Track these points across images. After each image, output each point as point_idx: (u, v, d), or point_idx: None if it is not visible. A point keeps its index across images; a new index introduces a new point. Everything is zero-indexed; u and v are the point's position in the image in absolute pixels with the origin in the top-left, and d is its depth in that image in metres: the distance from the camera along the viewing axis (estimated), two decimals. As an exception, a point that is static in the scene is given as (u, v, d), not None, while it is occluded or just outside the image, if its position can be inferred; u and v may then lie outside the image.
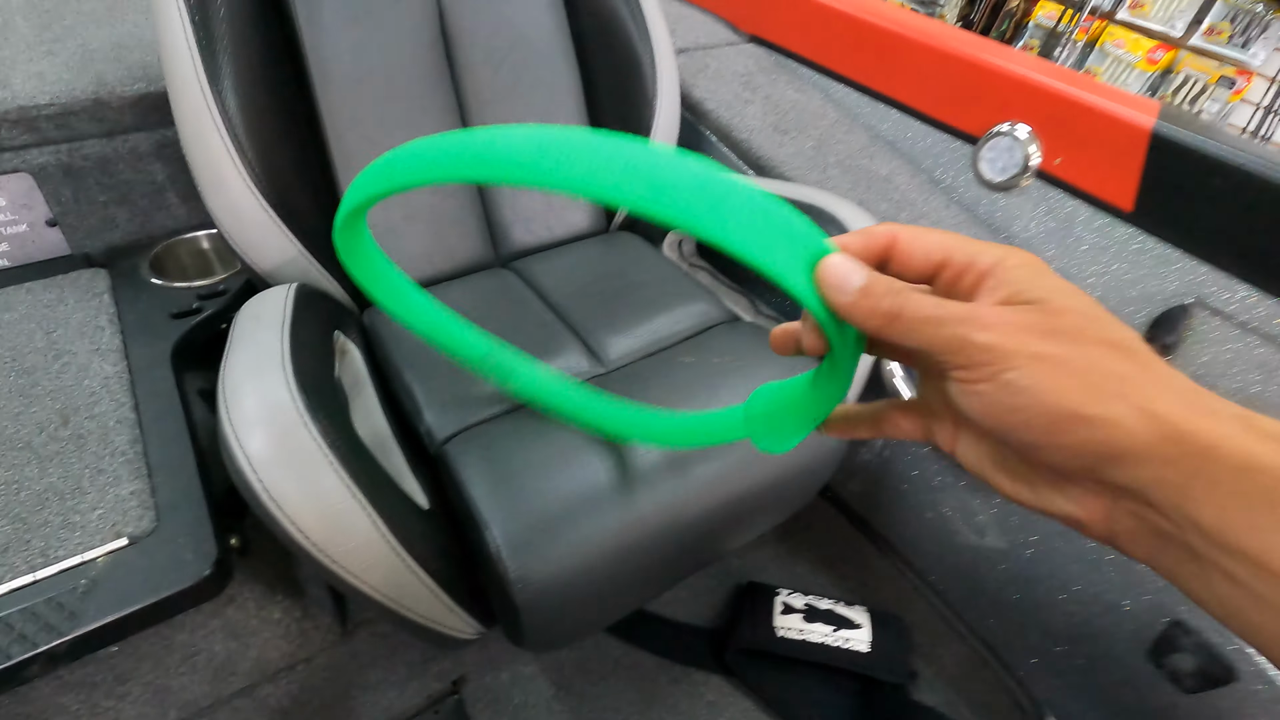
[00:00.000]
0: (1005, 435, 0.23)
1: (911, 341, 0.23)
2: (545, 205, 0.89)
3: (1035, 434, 0.22)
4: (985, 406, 0.22)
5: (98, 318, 0.68)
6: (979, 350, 0.22)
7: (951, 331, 0.22)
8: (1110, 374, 0.21)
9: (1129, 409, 0.20)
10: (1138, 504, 0.22)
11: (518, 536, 0.54)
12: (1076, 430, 0.21)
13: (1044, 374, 0.21)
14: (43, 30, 0.85)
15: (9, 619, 0.44)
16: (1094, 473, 0.22)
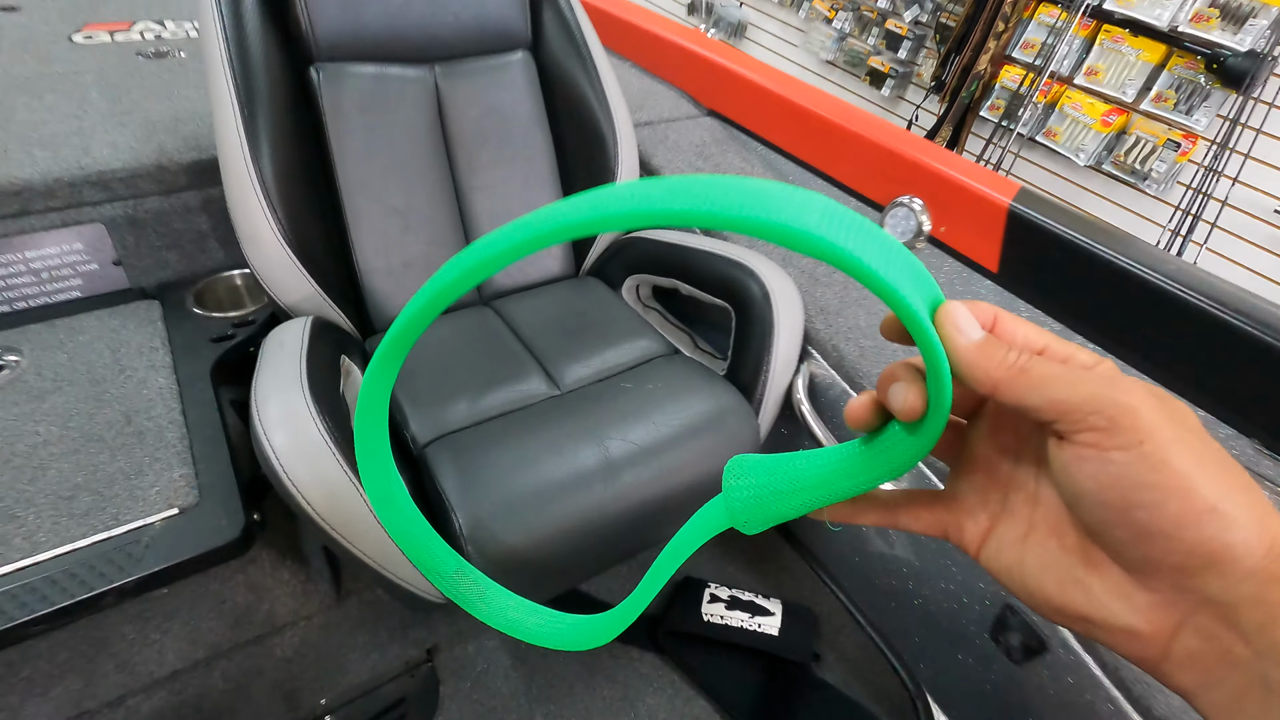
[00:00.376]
0: (1117, 517, 0.21)
1: (1035, 399, 0.22)
2: (523, 254, 1.05)
3: (1160, 521, 0.20)
4: (1111, 479, 0.20)
5: (152, 340, 0.85)
6: (1123, 412, 0.20)
7: (1092, 390, 0.21)
8: (1239, 477, 0.20)
9: (1252, 516, 0.20)
10: (1217, 623, 0.20)
11: (478, 519, 0.70)
12: (1205, 525, 0.20)
13: (1188, 455, 0.20)
14: (114, 103, 1.03)
15: (92, 561, 0.60)
16: (1191, 578, 0.20)
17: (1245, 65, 2.01)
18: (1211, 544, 0.20)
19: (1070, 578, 0.23)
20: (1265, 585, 0.19)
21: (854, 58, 3.03)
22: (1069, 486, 0.22)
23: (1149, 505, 0.20)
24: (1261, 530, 0.19)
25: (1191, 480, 0.20)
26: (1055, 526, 0.24)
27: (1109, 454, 0.20)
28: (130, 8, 1.38)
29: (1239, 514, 0.19)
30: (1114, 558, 0.22)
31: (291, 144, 0.84)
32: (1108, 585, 0.22)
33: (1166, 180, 2.31)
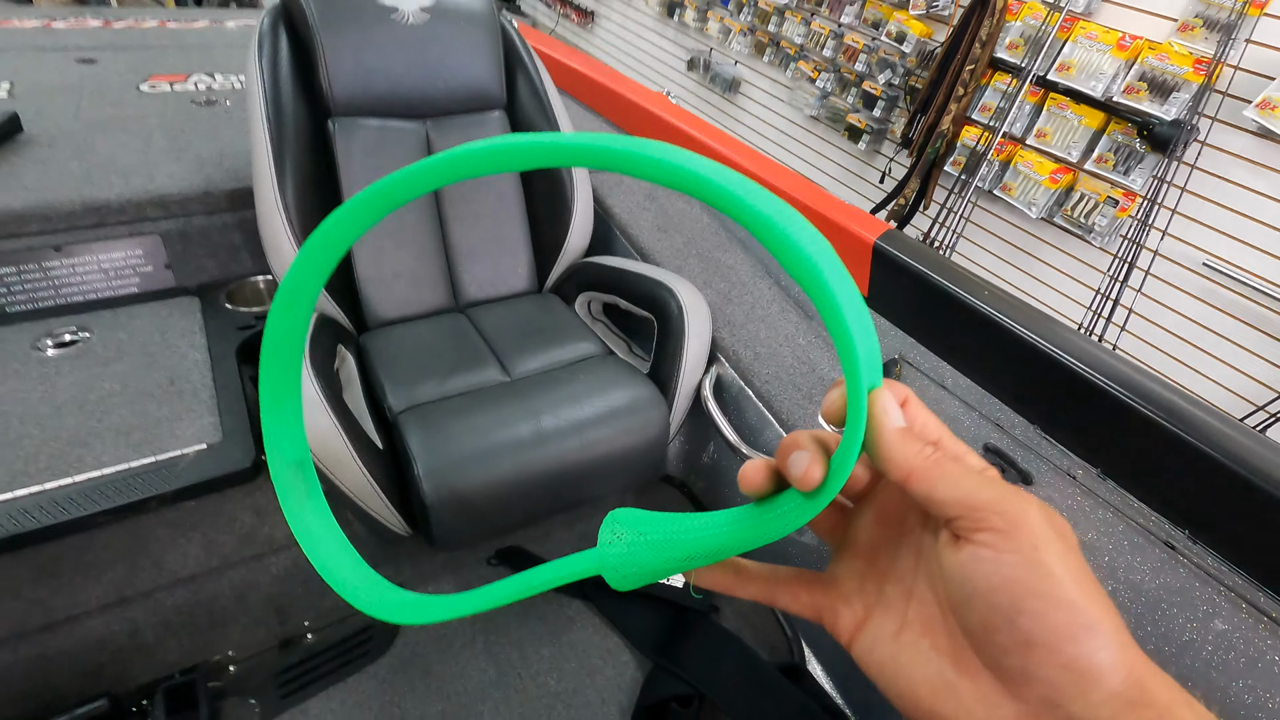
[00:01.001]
0: (1003, 622, 0.21)
1: (944, 493, 0.23)
2: (494, 272, 1.28)
3: (1044, 630, 0.21)
4: (1004, 582, 0.21)
5: (192, 326, 1.07)
6: (1023, 518, 0.21)
7: (997, 493, 0.22)
8: (1106, 599, 0.21)
9: (1117, 640, 0.21)
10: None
11: (432, 468, 0.91)
12: (1083, 641, 0.20)
13: (1073, 571, 0.21)
14: (172, 142, 1.29)
15: (143, 475, 0.81)
16: (1059, 693, 0.21)
17: (1170, 132, 2.23)
18: (1085, 661, 0.20)
19: (941, 681, 0.23)
20: (1122, 710, 0.20)
21: (835, 114, 3.29)
22: (962, 585, 0.22)
23: (1036, 613, 0.20)
24: (1122, 655, 0.20)
25: (1075, 595, 0.20)
26: (929, 626, 0.24)
27: (1004, 556, 0.21)
28: (187, 63, 1.66)
29: (1109, 636, 0.20)
30: (989, 664, 0.22)
31: (310, 178, 1.08)
32: (978, 692, 0.22)
33: (1108, 233, 2.52)
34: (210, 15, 2.03)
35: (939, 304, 0.99)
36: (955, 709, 0.23)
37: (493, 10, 1.24)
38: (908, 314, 1.05)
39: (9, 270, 1.03)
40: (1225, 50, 2.09)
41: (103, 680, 0.88)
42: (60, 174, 1.11)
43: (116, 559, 0.84)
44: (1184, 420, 0.76)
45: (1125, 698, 0.20)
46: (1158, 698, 0.20)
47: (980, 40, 2.62)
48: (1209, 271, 2.26)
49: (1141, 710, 0.20)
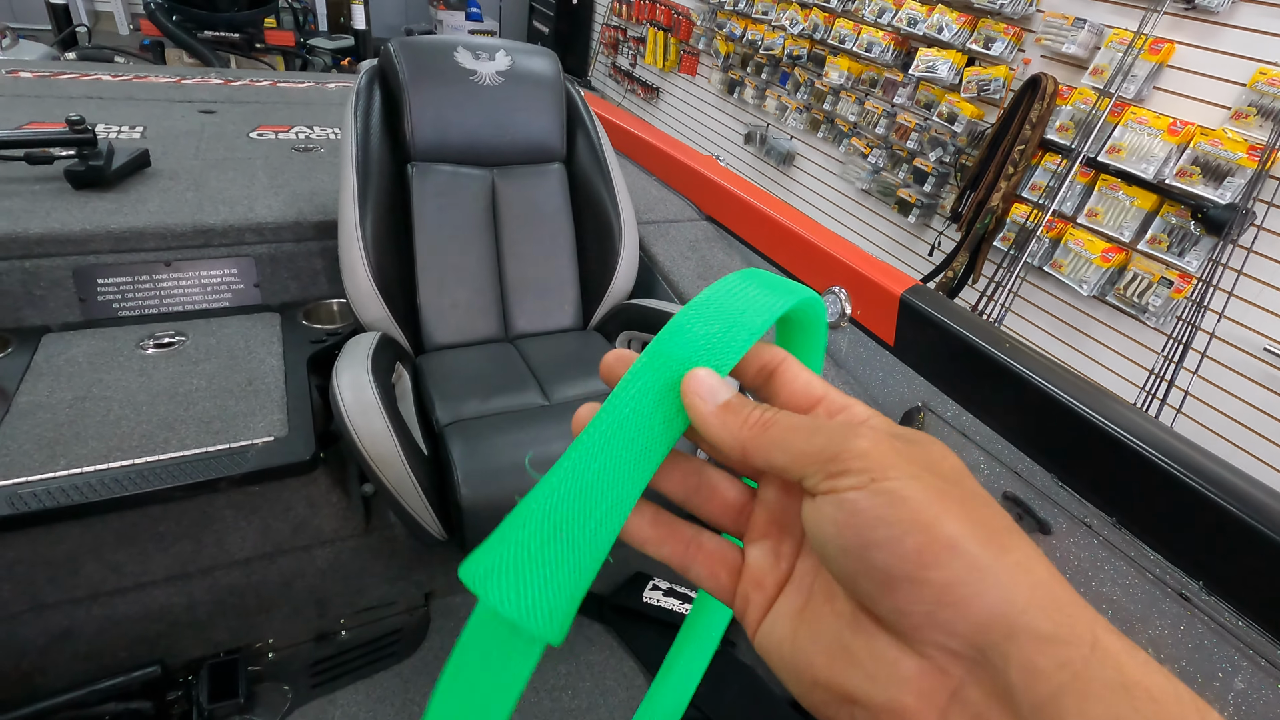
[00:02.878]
0: (857, 563, 0.19)
1: (779, 457, 0.22)
2: (543, 308, 1.38)
3: (899, 560, 0.18)
4: (846, 519, 0.19)
5: (271, 337, 1.20)
6: (857, 456, 0.20)
7: (827, 437, 0.21)
8: (994, 523, 0.19)
9: (1009, 564, 0.18)
10: (989, 698, 0.17)
11: (471, 472, 0.98)
12: (947, 563, 0.18)
13: (928, 491, 0.19)
14: (272, 179, 1.46)
15: (219, 459, 0.91)
16: (950, 634, 0.18)
17: (1225, 216, 2.23)
18: (960, 588, 0.18)
19: (838, 646, 0.21)
20: (1033, 649, 0.17)
21: (885, 188, 3.39)
22: (816, 540, 0.21)
23: (885, 543, 0.18)
24: (1031, 586, 0.17)
25: (929, 514, 0.18)
26: (829, 591, 0.22)
27: (843, 495, 0.19)
28: (290, 116, 1.88)
29: (988, 559, 0.18)
30: (875, 618, 0.20)
31: (387, 215, 1.21)
32: (875, 652, 0.20)
33: (1163, 313, 2.48)
34: (314, 78, 2.29)
35: (962, 354, 1.03)
36: (852, 675, 0.20)
37: (559, 75, 1.38)
38: (932, 364, 1.09)
39: (125, 280, 1.18)
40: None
41: (157, 649, 0.96)
42: (178, 201, 1.28)
43: (185, 533, 0.93)
44: (1199, 472, 0.78)
45: (1032, 630, 0.17)
46: (1074, 631, 0.17)
47: (1030, 122, 2.69)
48: (1270, 358, 2.20)
49: (1058, 648, 0.17)
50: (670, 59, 4.86)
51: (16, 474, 0.85)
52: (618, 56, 5.61)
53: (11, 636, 0.89)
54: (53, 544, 0.87)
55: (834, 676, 0.21)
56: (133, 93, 1.85)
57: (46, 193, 1.23)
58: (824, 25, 3.54)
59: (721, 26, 4.25)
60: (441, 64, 1.26)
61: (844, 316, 1.24)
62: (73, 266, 1.14)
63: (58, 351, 1.07)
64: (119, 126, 1.60)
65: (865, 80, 3.38)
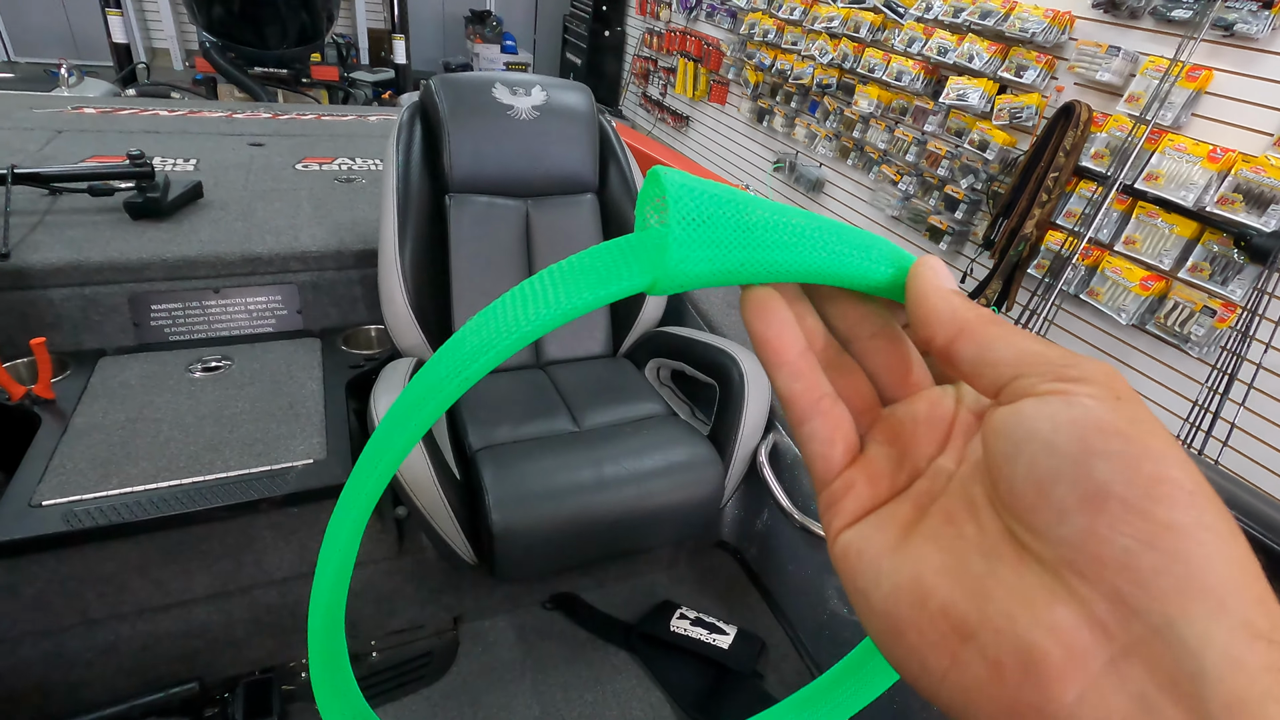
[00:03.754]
0: (1069, 467, 0.16)
1: (1001, 347, 0.19)
2: (574, 335, 1.40)
3: (1127, 478, 0.15)
4: (1073, 419, 0.16)
5: (312, 362, 1.24)
6: (1099, 371, 0.17)
7: (1061, 352, 0.18)
8: (1211, 490, 0.15)
9: (1242, 544, 0.15)
10: (1163, 681, 0.14)
11: (502, 498, 1.00)
12: (1183, 508, 0.15)
13: (1159, 432, 0.16)
14: (316, 209, 1.51)
15: (259, 480, 0.94)
16: (1144, 588, 0.14)
17: (1270, 244, 2.18)
18: (1184, 539, 0.14)
19: (962, 570, 0.17)
20: (1243, 642, 0.13)
21: (916, 215, 3.37)
22: (1012, 435, 0.17)
23: (1117, 456, 0.15)
24: (1239, 560, 0.14)
25: (1171, 455, 0.15)
26: (955, 517, 0.19)
27: (1077, 398, 0.16)
28: (333, 149, 1.95)
29: (1224, 525, 0.14)
30: (1036, 544, 0.16)
31: (425, 244, 1.25)
32: (1018, 585, 0.16)
33: (1207, 343, 2.42)
34: (357, 111, 2.38)
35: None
36: (980, 604, 0.16)
37: (593, 109, 1.42)
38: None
39: (177, 306, 1.24)
40: (1326, 165, 2.05)
41: (196, 666, 0.99)
42: (228, 231, 1.34)
43: (227, 552, 0.96)
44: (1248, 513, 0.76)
45: (1247, 621, 0.14)
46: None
47: (1064, 149, 2.66)
48: (1321, 389, 2.13)
49: (1273, 650, 0.13)
50: (700, 88, 4.93)
51: (72, 492, 0.89)
52: (649, 86, 5.72)
53: (60, 649, 0.92)
54: (103, 560, 0.90)
55: (953, 602, 0.17)
56: (187, 127, 1.94)
57: (106, 223, 1.30)
58: (853, 55, 3.56)
59: (751, 56, 4.31)
60: (480, 100, 1.31)
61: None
62: (129, 293, 1.20)
63: (112, 374, 1.12)
64: (174, 160, 1.68)
65: (895, 108, 3.39)
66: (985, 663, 0.16)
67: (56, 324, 1.17)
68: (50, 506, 0.87)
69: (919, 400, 0.23)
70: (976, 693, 0.16)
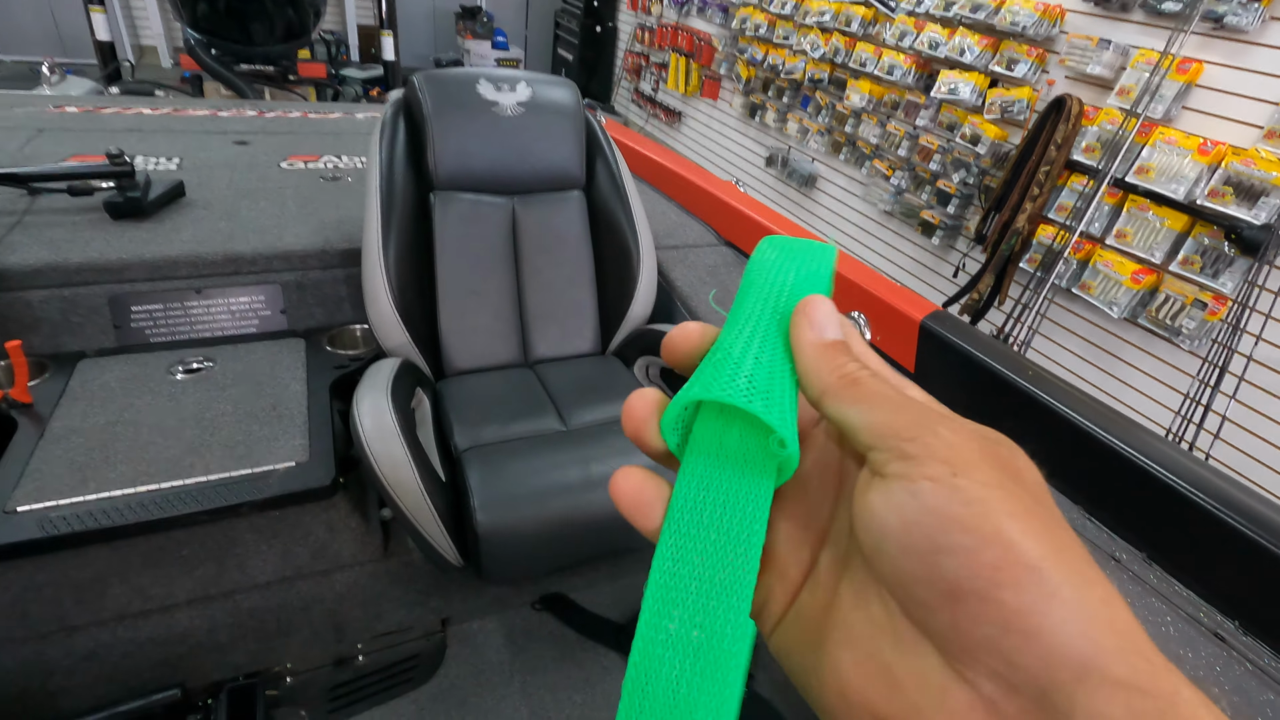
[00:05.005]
0: (921, 566, 0.17)
1: (857, 417, 0.19)
2: (563, 333, 1.39)
3: (971, 571, 0.16)
4: (917, 514, 0.17)
5: (296, 363, 1.22)
6: (942, 443, 0.18)
7: (915, 416, 0.19)
8: (1076, 552, 0.16)
9: (1090, 600, 0.16)
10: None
11: (488, 499, 0.98)
12: (1026, 588, 0.15)
13: (1011, 502, 0.16)
14: (302, 208, 1.50)
15: (240, 484, 0.93)
16: (1013, 667, 0.16)
17: (1261, 236, 2.18)
18: (1033, 616, 0.15)
19: (876, 662, 0.18)
20: (1105, 695, 0.14)
21: (909, 210, 3.37)
22: (872, 530, 0.18)
23: (959, 551, 0.16)
24: (1110, 626, 0.15)
25: (1011, 529, 0.16)
26: (863, 594, 0.20)
27: (917, 484, 0.17)
28: (319, 146, 1.93)
29: (1070, 590, 0.15)
30: (920, 633, 0.17)
31: (409, 243, 1.24)
32: (920, 676, 0.17)
33: (1198, 336, 2.42)
34: (344, 108, 2.36)
35: (984, 382, 1.02)
36: (891, 698, 0.17)
37: (579, 104, 1.40)
38: (953, 391, 1.07)
39: (158, 307, 1.22)
40: (1315, 157, 2.05)
41: (179, 671, 0.97)
42: (210, 230, 1.32)
43: (208, 556, 0.95)
44: (1234, 506, 0.75)
45: (1107, 674, 0.15)
46: (1154, 681, 0.15)
47: (1056, 143, 2.66)
48: (1312, 381, 2.13)
49: (1134, 697, 0.14)
50: (692, 84, 4.92)
51: (49, 498, 0.87)
52: (640, 82, 5.70)
53: (40, 656, 0.91)
54: (81, 567, 0.89)
55: (869, 696, 0.18)
56: (171, 125, 1.92)
57: (86, 223, 1.28)
58: (845, 49, 3.55)
59: (743, 52, 4.29)
60: (464, 96, 1.29)
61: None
62: (109, 294, 1.18)
63: (92, 377, 1.10)
64: (157, 158, 1.66)
65: (887, 103, 3.38)
66: None
67: (35, 326, 1.15)
68: (26, 513, 0.85)
69: (807, 449, 0.23)
70: None
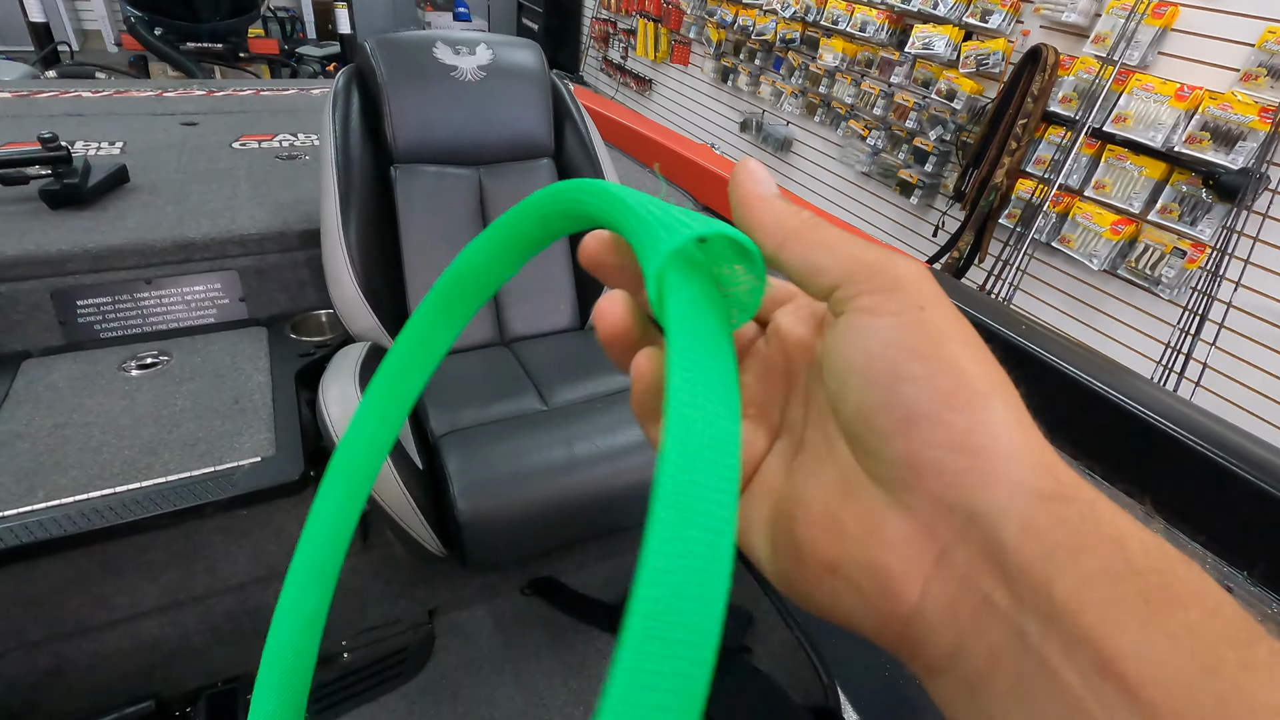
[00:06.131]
0: (882, 395, 0.18)
1: (822, 253, 0.20)
2: (539, 310, 1.34)
3: (929, 397, 0.17)
4: (882, 346, 0.18)
5: (259, 353, 1.16)
6: (909, 276, 0.19)
7: (879, 254, 0.19)
8: (1005, 379, 0.18)
9: (1014, 415, 0.17)
10: (977, 558, 0.16)
11: (468, 485, 0.94)
12: (977, 409, 0.17)
13: (965, 335, 0.18)
14: (255, 189, 1.42)
15: (202, 483, 0.87)
16: (953, 486, 0.17)
17: (1238, 181, 2.16)
18: (979, 436, 0.17)
19: (824, 515, 0.19)
20: (1034, 506, 0.16)
21: (886, 170, 3.32)
22: (836, 367, 0.19)
23: (919, 378, 0.17)
24: (1026, 437, 0.17)
25: (966, 359, 0.17)
26: (815, 464, 0.21)
27: (883, 319, 0.18)
28: (274, 125, 1.84)
29: (1006, 409, 0.17)
30: (873, 466, 0.18)
31: (372, 220, 1.17)
32: (862, 514, 0.18)
33: (1177, 285, 2.42)
34: (299, 84, 2.25)
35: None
36: (837, 543, 0.19)
37: (544, 68, 1.33)
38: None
39: (106, 300, 1.15)
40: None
41: (152, 682, 0.93)
42: (157, 216, 1.24)
43: (173, 561, 0.90)
44: (1236, 453, 0.73)
45: (1036, 489, 0.16)
46: (1076, 491, 0.16)
47: (1032, 95, 2.62)
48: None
49: (1058, 505, 0.16)
50: (662, 50, 4.80)
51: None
52: (609, 50, 5.55)
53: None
54: (35, 580, 0.84)
55: (819, 547, 0.19)
56: (114, 108, 1.81)
57: (22, 214, 1.19)
58: (816, 7, 3.47)
59: (712, 14, 4.18)
60: (420, 61, 1.22)
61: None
62: (51, 288, 1.10)
63: (38, 377, 1.04)
64: (99, 143, 1.56)
65: (861, 61, 3.32)
66: (851, 589, 0.19)
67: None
68: None
69: (750, 361, 0.24)
70: (853, 614, 0.19)
